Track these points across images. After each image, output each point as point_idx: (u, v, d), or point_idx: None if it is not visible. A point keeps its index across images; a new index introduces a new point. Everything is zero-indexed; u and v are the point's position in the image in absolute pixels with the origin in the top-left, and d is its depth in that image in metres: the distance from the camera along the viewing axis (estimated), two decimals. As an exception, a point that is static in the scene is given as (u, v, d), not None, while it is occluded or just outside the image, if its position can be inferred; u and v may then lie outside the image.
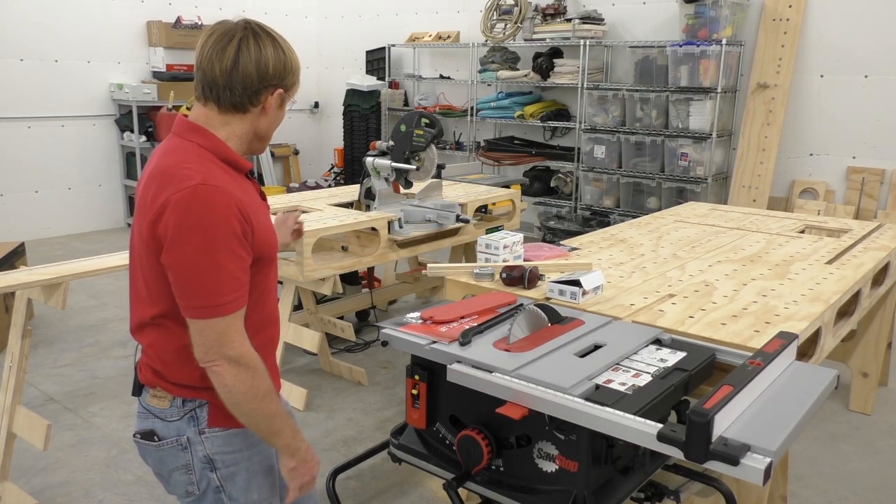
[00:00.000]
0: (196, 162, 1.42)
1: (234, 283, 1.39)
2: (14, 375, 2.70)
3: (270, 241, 1.53)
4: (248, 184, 1.54)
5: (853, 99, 5.38)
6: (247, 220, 1.42)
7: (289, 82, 1.51)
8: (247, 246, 1.42)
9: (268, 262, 1.54)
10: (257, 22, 1.51)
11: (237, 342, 1.41)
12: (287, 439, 1.50)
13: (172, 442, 1.53)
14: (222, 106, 1.47)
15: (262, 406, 1.44)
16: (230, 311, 1.39)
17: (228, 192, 1.40)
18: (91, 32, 7.04)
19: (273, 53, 1.46)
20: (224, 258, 1.37)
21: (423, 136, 3.67)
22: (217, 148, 1.47)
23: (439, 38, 7.60)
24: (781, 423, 1.42)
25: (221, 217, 1.37)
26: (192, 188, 1.36)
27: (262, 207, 1.57)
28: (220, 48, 1.44)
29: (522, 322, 1.80)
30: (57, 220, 7.08)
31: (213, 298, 1.37)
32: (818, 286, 2.40)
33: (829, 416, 3.58)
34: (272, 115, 1.52)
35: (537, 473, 1.61)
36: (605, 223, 5.99)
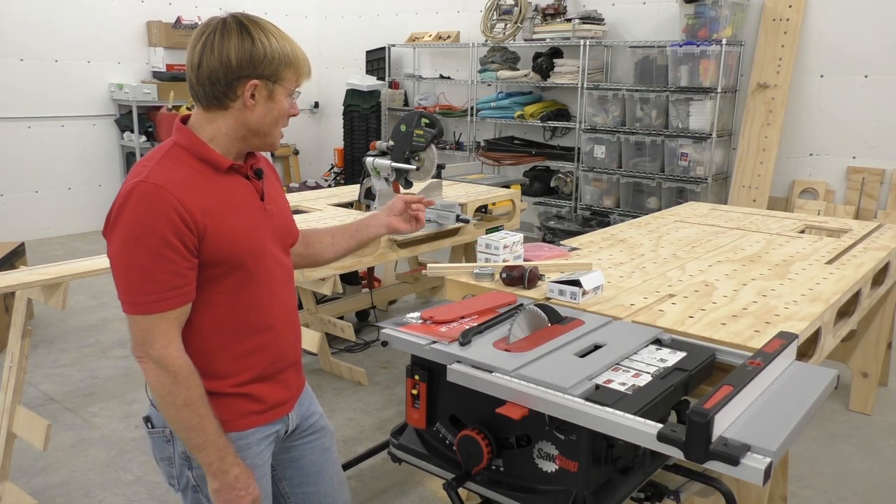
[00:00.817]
0: (155, 160, 1.41)
1: (154, 285, 1.35)
2: (14, 375, 2.70)
3: (234, 244, 1.44)
4: (233, 184, 1.48)
5: (853, 99, 5.38)
6: (190, 221, 1.36)
7: (266, 71, 1.43)
8: (181, 250, 1.36)
9: (236, 267, 1.46)
10: (240, 14, 1.46)
11: (159, 344, 1.38)
12: (209, 458, 1.44)
13: (160, 432, 1.54)
14: (203, 104, 1.46)
15: (180, 415, 1.40)
16: (151, 311, 1.36)
17: (170, 192, 1.35)
18: (91, 32, 7.04)
19: (237, 44, 1.40)
20: (144, 258, 1.34)
21: (423, 136, 3.67)
22: (193, 146, 1.45)
23: (439, 38, 7.61)
24: (781, 423, 1.42)
25: (149, 216, 1.33)
26: (133, 185, 1.36)
27: (246, 209, 1.49)
28: (192, 46, 1.44)
29: (522, 322, 1.80)
30: (57, 220, 7.08)
31: (132, 296, 1.36)
32: (818, 286, 2.40)
33: (829, 416, 3.58)
34: (260, 109, 1.45)
35: (537, 473, 1.61)
36: (605, 223, 5.99)
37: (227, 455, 1.46)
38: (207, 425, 1.43)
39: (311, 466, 1.73)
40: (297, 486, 1.73)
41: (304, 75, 1.51)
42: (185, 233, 1.36)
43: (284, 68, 1.45)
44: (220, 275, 1.45)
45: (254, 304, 1.51)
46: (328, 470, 1.76)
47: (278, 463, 1.71)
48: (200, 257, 1.41)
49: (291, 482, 1.73)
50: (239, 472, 1.47)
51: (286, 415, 1.64)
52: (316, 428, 1.74)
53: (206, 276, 1.43)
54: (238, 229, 1.45)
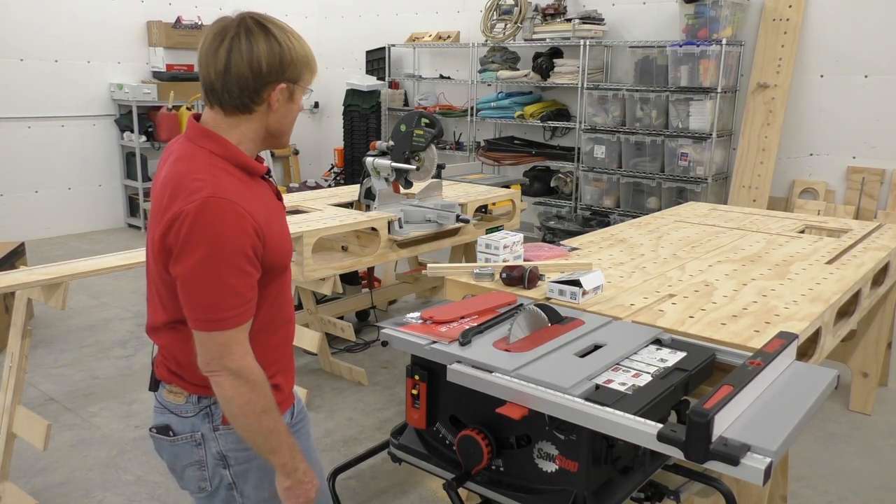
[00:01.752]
0: (207, 172, 1.39)
1: (237, 299, 1.37)
2: (14, 375, 2.70)
3: (283, 249, 1.50)
4: (262, 188, 1.51)
5: (853, 99, 5.38)
6: (259, 234, 1.39)
7: (292, 74, 1.43)
8: (255, 262, 1.39)
9: (281, 271, 1.51)
10: (255, 14, 1.43)
11: (238, 355, 1.39)
12: (284, 458, 1.47)
13: (187, 437, 1.54)
14: (227, 109, 1.44)
15: (259, 421, 1.42)
16: (232, 325, 1.38)
17: (239, 205, 1.36)
18: (91, 32, 7.04)
19: (266, 48, 1.39)
20: (227, 274, 1.35)
21: (423, 136, 3.67)
22: (230, 154, 1.44)
23: (439, 38, 7.60)
24: (781, 423, 1.42)
25: (229, 232, 1.34)
26: (202, 201, 1.33)
27: (277, 212, 1.53)
28: (213, 50, 1.40)
29: (522, 322, 1.80)
30: (57, 220, 7.08)
31: (215, 313, 1.36)
32: (818, 286, 2.40)
33: (829, 416, 3.58)
34: (282, 111, 1.46)
35: (537, 473, 1.61)
36: (605, 223, 5.99)
37: (297, 453, 1.51)
38: (281, 427, 1.47)
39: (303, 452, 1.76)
40: None
41: (316, 72, 1.52)
42: (258, 245, 1.39)
43: (304, 69, 1.47)
44: (270, 280, 1.48)
45: (281, 300, 1.57)
46: (313, 453, 1.78)
47: None
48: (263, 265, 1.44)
49: None
50: (305, 466, 1.53)
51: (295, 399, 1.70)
52: (303, 414, 1.78)
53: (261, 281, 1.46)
54: (281, 234, 1.51)
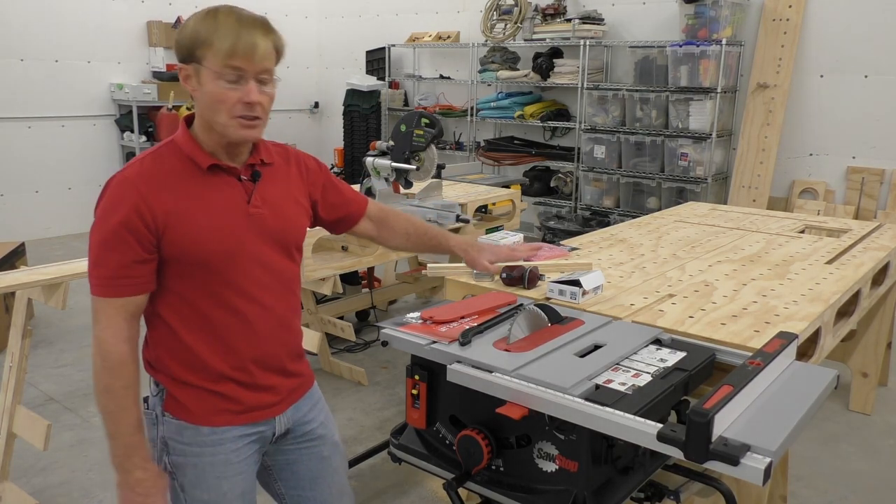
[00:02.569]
0: (144, 154, 1.49)
1: (103, 271, 1.42)
2: (14, 375, 2.70)
3: (206, 245, 1.45)
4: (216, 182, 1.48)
5: (853, 99, 5.38)
6: (150, 219, 1.40)
7: (184, 55, 1.43)
8: (131, 243, 1.40)
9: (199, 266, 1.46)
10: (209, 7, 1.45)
11: (100, 325, 1.43)
12: (116, 450, 1.47)
13: (150, 413, 1.58)
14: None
15: (100, 398, 1.45)
16: (97, 293, 1.43)
17: (137, 187, 1.41)
18: (91, 32, 7.04)
19: (180, 31, 1.44)
20: (100, 246, 1.42)
21: (423, 136, 3.67)
22: (183, 143, 1.49)
23: (439, 39, 7.60)
24: (781, 423, 1.42)
25: (113, 208, 1.41)
26: (112, 178, 1.45)
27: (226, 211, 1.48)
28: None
29: (522, 322, 1.80)
30: (57, 220, 7.08)
31: (89, 276, 1.44)
32: (818, 286, 2.40)
33: (829, 416, 3.58)
34: (199, 95, 1.44)
35: (537, 473, 1.61)
36: (605, 223, 5.99)
37: (134, 455, 1.47)
38: (122, 417, 1.45)
39: (308, 472, 1.72)
40: (293, 488, 1.74)
41: (228, 49, 1.37)
42: (141, 229, 1.41)
43: (199, 48, 1.40)
44: (185, 272, 1.47)
45: (225, 305, 1.50)
46: (327, 479, 1.75)
47: (274, 463, 1.71)
48: (160, 253, 1.45)
49: (287, 484, 1.74)
50: (142, 476, 1.47)
51: (271, 418, 1.62)
52: (314, 436, 1.72)
53: (171, 271, 1.47)
54: (206, 229, 1.46)
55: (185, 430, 1.54)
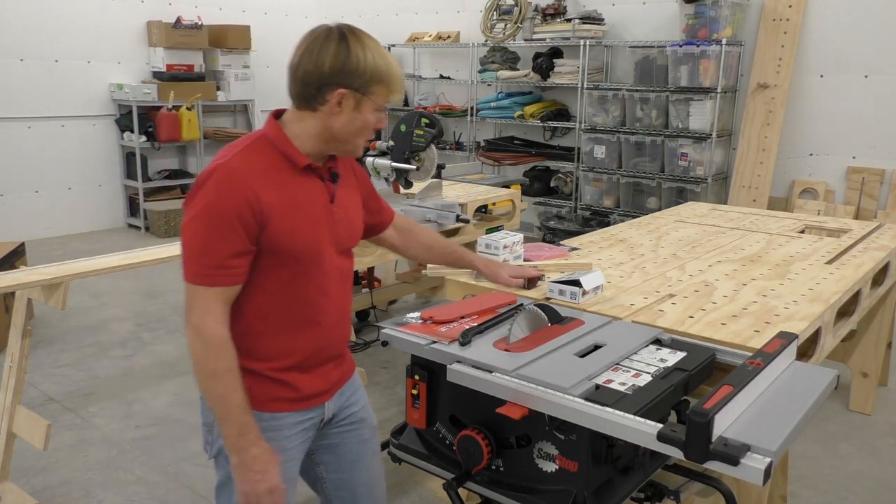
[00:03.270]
0: (239, 148, 1.51)
1: (209, 259, 1.44)
2: (14, 375, 2.70)
3: (298, 240, 1.53)
4: (307, 181, 1.56)
5: (853, 99, 5.38)
6: (256, 210, 1.45)
7: (356, 83, 1.49)
8: (241, 234, 1.45)
9: (290, 260, 1.53)
10: (345, 26, 1.52)
11: (199, 312, 1.45)
12: (229, 431, 1.48)
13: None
14: (295, 102, 1.54)
15: (207, 383, 1.47)
16: (200, 282, 1.45)
17: (243, 178, 1.45)
18: (91, 32, 7.04)
19: (334, 52, 1.47)
20: (208, 234, 1.44)
21: (423, 136, 3.67)
22: (277, 140, 1.54)
23: (439, 38, 7.61)
24: (781, 423, 1.42)
25: (222, 197, 1.43)
26: (215, 167, 1.47)
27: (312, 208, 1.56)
28: (296, 48, 1.52)
29: (522, 322, 1.80)
30: (57, 220, 7.08)
31: (190, 265, 1.46)
32: (818, 286, 2.40)
33: (829, 416, 3.58)
34: (346, 117, 1.51)
35: (537, 473, 1.61)
36: (605, 223, 5.99)
37: (248, 433, 1.48)
38: (232, 399, 1.47)
39: (349, 454, 1.77)
40: (334, 471, 1.78)
41: (396, 92, 1.56)
42: (249, 219, 1.45)
43: (375, 83, 1.51)
44: (275, 264, 1.52)
45: (303, 298, 1.57)
46: (366, 461, 1.80)
47: (317, 448, 1.76)
48: (259, 245, 1.49)
49: (328, 467, 1.78)
50: (258, 452, 1.49)
51: (322, 404, 1.68)
52: (356, 419, 1.77)
53: (263, 263, 1.51)
54: (299, 226, 1.53)
55: None
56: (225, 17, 7.94)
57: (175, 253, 3.02)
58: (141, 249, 3.05)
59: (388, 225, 1.92)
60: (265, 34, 8.21)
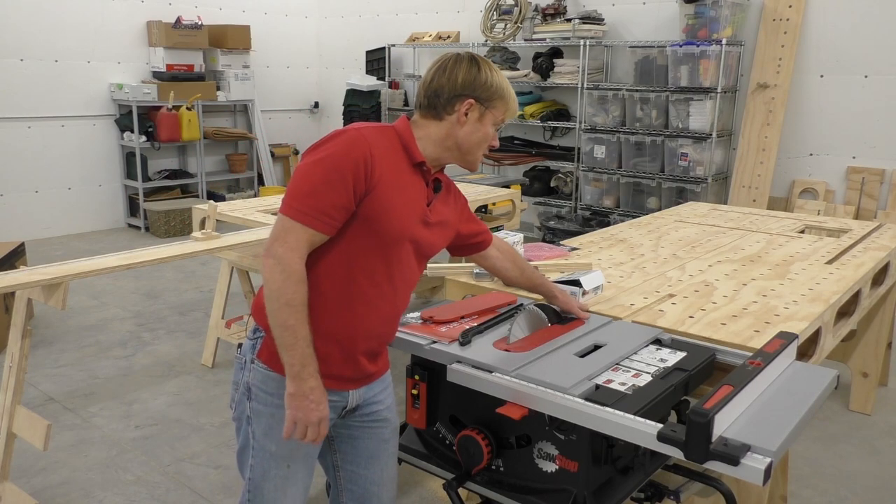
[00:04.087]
0: (374, 126, 1.62)
1: (313, 200, 1.51)
2: (14, 375, 2.70)
3: (388, 218, 1.58)
4: (414, 177, 1.65)
5: (853, 99, 5.38)
6: (368, 174, 1.53)
7: (483, 95, 1.63)
8: (349, 187, 1.52)
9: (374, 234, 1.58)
10: (474, 53, 1.69)
11: (289, 246, 1.51)
12: (293, 360, 1.52)
13: (242, 358, 1.68)
14: (422, 111, 1.67)
15: (281, 311, 1.50)
16: (298, 219, 1.51)
17: (371, 144, 1.54)
18: (91, 32, 7.04)
19: (465, 69, 1.63)
20: (321, 179, 1.51)
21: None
22: (403, 134, 1.65)
23: (439, 38, 7.60)
24: (781, 423, 1.42)
25: (347, 152, 1.52)
26: (346, 129, 1.58)
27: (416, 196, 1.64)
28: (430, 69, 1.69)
29: (522, 322, 1.80)
30: (57, 220, 7.08)
31: (293, 200, 1.52)
32: (818, 286, 2.40)
33: (829, 416, 3.58)
34: (470, 127, 1.65)
35: (537, 473, 1.61)
36: (605, 223, 5.99)
37: (309, 365, 1.53)
38: (300, 330, 1.52)
39: (366, 450, 1.78)
40: (349, 463, 1.80)
41: (512, 111, 1.71)
42: (361, 179, 1.53)
43: (498, 98, 1.67)
44: (363, 234, 1.58)
45: (370, 276, 1.61)
46: (383, 460, 1.81)
47: (337, 435, 1.78)
48: (359, 207, 1.56)
49: (345, 457, 1.80)
50: (315, 384, 1.54)
51: (348, 391, 1.68)
52: (379, 417, 1.78)
53: (352, 229, 1.57)
54: (397, 207, 1.60)
55: (271, 379, 1.61)
56: (225, 17, 7.94)
57: (175, 253, 3.02)
58: (141, 249, 3.05)
59: (490, 244, 1.99)
60: (265, 34, 8.21)
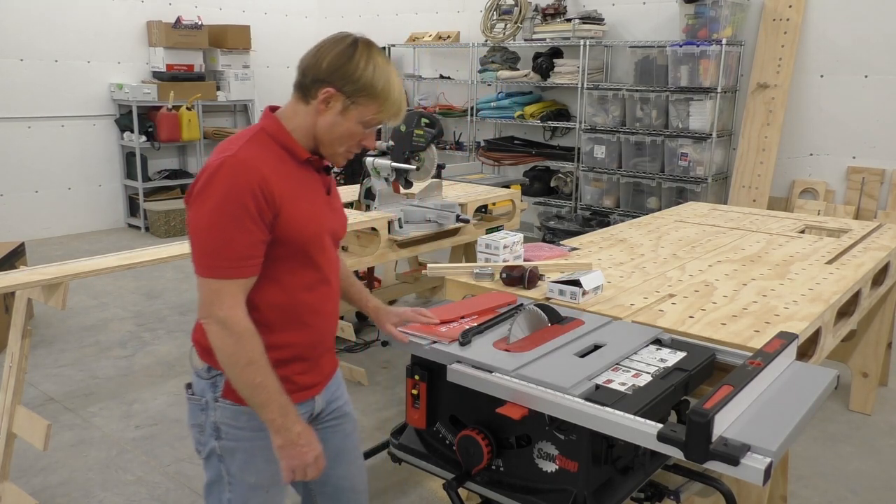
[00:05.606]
0: (242, 141, 1.50)
1: (232, 251, 1.44)
2: (14, 375, 2.70)
3: (307, 230, 1.54)
4: (306, 174, 1.58)
5: (853, 99, 5.38)
6: (269, 198, 1.45)
7: (347, 88, 1.50)
8: (259, 222, 1.45)
9: (299, 250, 1.54)
10: (366, 38, 1.55)
11: (227, 305, 1.45)
12: (272, 415, 1.49)
13: (197, 399, 1.62)
14: (295, 90, 1.55)
15: (244, 374, 1.46)
16: (224, 275, 1.44)
17: (255, 168, 1.45)
18: (91, 32, 7.04)
19: (337, 53, 1.50)
20: (228, 226, 1.43)
21: (423, 136, 3.67)
22: (277, 133, 1.55)
23: (439, 38, 7.60)
24: (781, 423, 1.42)
25: (237, 187, 1.43)
26: (223, 159, 1.45)
27: (316, 199, 1.59)
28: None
29: (522, 322, 1.80)
30: (57, 220, 7.08)
31: (211, 259, 1.44)
32: (818, 286, 2.40)
33: (829, 416, 3.58)
34: (330, 119, 1.53)
35: (537, 473, 1.61)
36: (605, 223, 5.98)
37: (290, 413, 1.51)
38: (269, 383, 1.48)
39: (332, 449, 1.77)
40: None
41: (387, 114, 1.57)
42: (265, 208, 1.46)
43: (366, 96, 1.52)
44: (284, 255, 1.53)
45: (308, 288, 1.59)
46: (349, 454, 1.82)
47: None
48: (273, 234, 1.50)
49: None
50: (301, 429, 1.53)
51: (312, 398, 1.69)
52: (340, 413, 1.79)
53: (272, 254, 1.52)
54: (306, 215, 1.55)
55: (242, 414, 1.57)
56: (225, 17, 7.94)
57: (175, 253, 3.01)
58: (141, 249, 3.05)
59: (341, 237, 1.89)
60: (265, 34, 8.21)
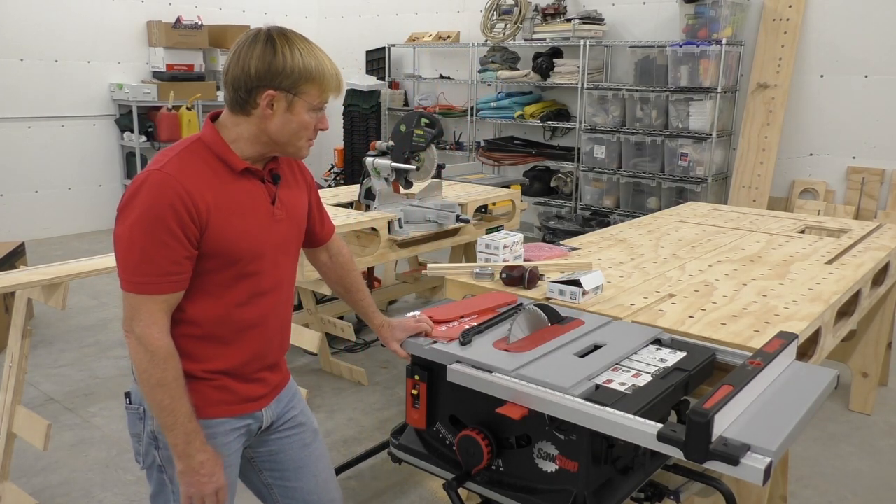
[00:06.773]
0: (174, 152, 1.47)
1: (151, 267, 1.41)
2: (14, 375, 2.70)
3: (240, 244, 1.50)
4: (246, 185, 1.53)
5: (853, 99, 5.38)
6: (194, 214, 1.42)
7: (284, 84, 1.45)
8: (182, 239, 1.42)
9: (231, 264, 1.51)
10: (274, 27, 1.49)
11: (144, 322, 1.43)
12: (175, 440, 1.47)
13: (135, 408, 1.59)
14: (229, 106, 1.51)
15: (153, 393, 1.44)
16: (143, 291, 1.42)
17: (178, 183, 1.41)
18: (91, 32, 7.04)
19: (259, 55, 1.44)
20: (145, 241, 1.40)
21: (423, 136, 3.67)
22: (214, 144, 1.51)
23: (439, 38, 7.60)
24: (781, 423, 1.42)
25: (157, 203, 1.40)
26: (148, 174, 1.43)
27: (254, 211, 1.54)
28: (229, 53, 1.50)
29: (522, 322, 1.80)
30: (57, 220, 7.08)
31: (131, 274, 1.42)
32: (818, 286, 2.40)
33: (829, 416, 3.58)
34: (280, 119, 1.49)
35: (537, 473, 1.61)
36: (605, 223, 5.99)
37: (195, 440, 1.48)
38: (178, 408, 1.46)
39: (291, 462, 1.75)
40: (279, 479, 1.76)
41: (330, 91, 1.52)
42: (188, 224, 1.42)
43: (305, 83, 1.48)
44: (215, 268, 1.50)
45: (242, 302, 1.55)
46: (310, 466, 1.77)
47: (257, 455, 1.74)
48: (200, 249, 1.46)
49: (273, 475, 1.76)
50: (205, 458, 1.50)
51: (259, 410, 1.65)
52: (295, 423, 1.75)
53: (202, 267, 1.48)
54: (240, 229, 1.50)
55: None
56: (225, 17, 7.94)
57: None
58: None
59: (327, 241, 1.84)
60: (265, 34, 8.21)
